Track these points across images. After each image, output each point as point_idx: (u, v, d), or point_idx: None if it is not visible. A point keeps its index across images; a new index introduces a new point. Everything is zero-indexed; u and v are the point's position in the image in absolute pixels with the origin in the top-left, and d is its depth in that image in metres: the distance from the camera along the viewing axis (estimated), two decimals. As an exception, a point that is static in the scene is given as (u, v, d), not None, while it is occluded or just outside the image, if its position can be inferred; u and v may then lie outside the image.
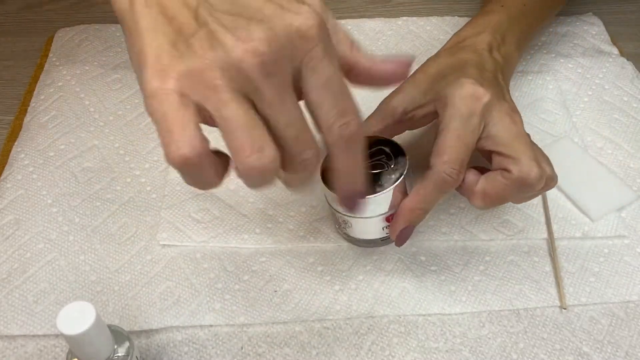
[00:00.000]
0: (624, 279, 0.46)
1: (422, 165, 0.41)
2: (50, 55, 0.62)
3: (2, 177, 0.51)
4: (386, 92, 0.43)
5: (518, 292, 0.45)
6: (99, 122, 0.55)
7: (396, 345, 0.42)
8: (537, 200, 0.50)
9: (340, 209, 0.42)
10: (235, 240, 0.47)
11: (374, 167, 0.42)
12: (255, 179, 0.30)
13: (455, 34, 0.48)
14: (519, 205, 0.50)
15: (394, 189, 0.40)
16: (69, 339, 0.31)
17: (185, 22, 0.28)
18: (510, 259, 0.47)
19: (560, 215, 0.49)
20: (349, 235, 0.46)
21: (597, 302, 0.44)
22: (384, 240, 0.45)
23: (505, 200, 0.41)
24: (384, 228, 0.43)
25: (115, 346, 0.34)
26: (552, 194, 0.51)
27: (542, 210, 0.50)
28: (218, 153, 0.31)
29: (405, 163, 0.41)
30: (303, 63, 0.29)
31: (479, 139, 0.40)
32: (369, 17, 0.68)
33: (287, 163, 0.31)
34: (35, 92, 0.58)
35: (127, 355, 0.35)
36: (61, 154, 0.53)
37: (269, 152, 0.29)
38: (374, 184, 0.41)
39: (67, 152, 0.53)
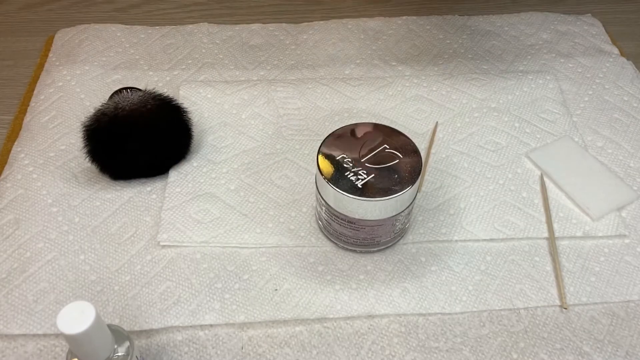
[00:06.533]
0: (624, 279, 0.46)
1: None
2: (50, 55, 0.62)
3: (2, 177, 0.51)
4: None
5: (519, 291, 0.45)
6: (99, 122, 0.55)
7: (396, 344, 0.42)
8: (538, 199, 0.50)
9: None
10: (236, 240, 0.47)
11: None
12: None
13: None
14: (519, 205, 0.50)
15: None
16: (69, 338, 0.31)
17: None
18: (510, 258, 0.47)
19: (561, 215, 0.49)
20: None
21: (598, 302, 0.44)
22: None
23: None
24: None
25: (115, 346, 0.34)
26: (553, 193, 0.51)
27: (542, 209, 0.50)
28: None
29: None
30: None
31: None
32: (369, 16, 0.68)
33: None
34: (35, 92, 0.58)
35: (127, 355, 0.35)
36: (61, 154, 0.53)
37: None
38: None
39: (67, 152, 0.53)
